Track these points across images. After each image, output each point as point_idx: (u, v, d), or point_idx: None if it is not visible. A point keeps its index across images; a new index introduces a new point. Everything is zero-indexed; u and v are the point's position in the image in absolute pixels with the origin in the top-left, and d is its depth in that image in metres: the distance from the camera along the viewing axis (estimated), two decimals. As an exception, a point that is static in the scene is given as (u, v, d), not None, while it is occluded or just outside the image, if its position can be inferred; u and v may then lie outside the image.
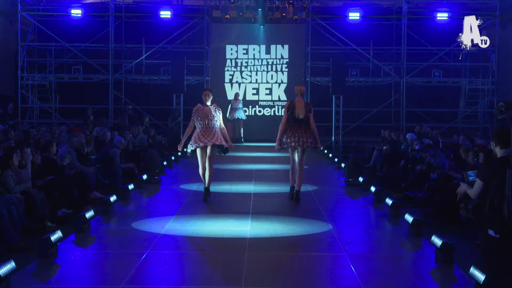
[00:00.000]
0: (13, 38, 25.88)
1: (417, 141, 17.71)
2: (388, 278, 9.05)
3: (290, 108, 14.04)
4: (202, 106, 14.20)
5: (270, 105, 28.64)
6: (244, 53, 28.91)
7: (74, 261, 9.75)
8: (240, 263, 9.38)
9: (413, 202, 14.61)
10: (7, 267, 7.96)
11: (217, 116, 14.14)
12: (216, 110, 14.22)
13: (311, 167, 21.03)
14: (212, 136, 13.96)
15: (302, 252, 10.36)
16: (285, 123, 14.10)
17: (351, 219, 13.45)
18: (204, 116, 14.03)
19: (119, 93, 26.86)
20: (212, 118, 14.07)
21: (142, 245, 10.41)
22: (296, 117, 14.00)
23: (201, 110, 14.15)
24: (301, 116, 14.00)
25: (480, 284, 7.84)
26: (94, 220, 11.77)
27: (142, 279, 8.72)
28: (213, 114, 14.09)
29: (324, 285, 8.66)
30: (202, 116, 14.03)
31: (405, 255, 10.63)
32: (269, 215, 13.08)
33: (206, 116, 14.03)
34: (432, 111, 26.69)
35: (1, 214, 10.04)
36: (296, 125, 14.06)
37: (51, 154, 14.17)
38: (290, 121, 14.06)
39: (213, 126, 14.05)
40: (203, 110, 14.13)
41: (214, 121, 14.08)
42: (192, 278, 8.67)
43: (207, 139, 13.92)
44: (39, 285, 8.55)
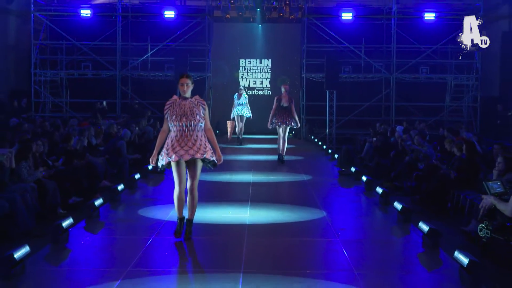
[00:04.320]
0: (26, 37, 25.86)
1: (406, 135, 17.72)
2: (378, 262, 9.07)
3: (278, 100, 18.77)
4: (179, 100, 9.61)
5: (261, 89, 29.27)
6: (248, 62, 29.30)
7: (84, 246, 9.77)
8: (239, 248, 9.40)
9: (402, 190, 14.64)
10: (22, 251, 8.00)
11: (200, 114, 9.52)
12: (199, 105, 9.55)
13: (306, 158, 21.07)
14: (192, 145, 9.40)
15: (298, 237, 10.38)
16: (275, 110, 18.72)
17: (344, 206, 13.46)
18: (180, 113, 9.44)
19: (126, 88, 26.85)
20: (193, 116, 9.45)
21: (148, 231, 10.43)
22: (282, 105, 18.66)
23: (177, 105, 9.53)
24: (285, 105, 18.65)
25: (464, 267, 7.87)
26: (103, 207, 11.79)
27: (148, 262, 8.75)
28: (194, 110, 9.47)
29: (318, 268, 8.68)
30: (178, 114, 9.44)
31: (394, 240, 10.65)
32: (267, 203, 13.10)
33: (184, 113, 9.44)
34: (419, 105, 26.70)
35: (16, 201, 10.06)
36: (282, 111, 18.62)
37: (69, 146, 14.31)
38: (278, 108, 18.66)
39: (194, 128, 9.46)
40: (180, 105, 9.51)
41: (195, 121, 9.45)
42: (195, 261, 8.70)
43: (183, 149, 9.36)
44: (52, 268, 8.57)
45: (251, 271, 8.22)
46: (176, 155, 9.34)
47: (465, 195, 11.89)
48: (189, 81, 9.64)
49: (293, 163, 19.64)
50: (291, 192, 14.83)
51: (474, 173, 12.35)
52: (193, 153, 9.36)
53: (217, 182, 15.09)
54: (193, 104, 9.53)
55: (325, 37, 26.29)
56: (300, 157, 21.08)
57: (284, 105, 18.61)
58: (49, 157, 13.33)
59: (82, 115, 24.34)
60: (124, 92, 26.58)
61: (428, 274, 8.60)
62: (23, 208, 10.20)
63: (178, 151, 9.35)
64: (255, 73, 29.29)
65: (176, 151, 9.36)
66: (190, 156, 9.36)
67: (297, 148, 23.73)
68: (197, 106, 9.53)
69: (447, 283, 8.03)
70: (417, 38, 26.30)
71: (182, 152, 9.34)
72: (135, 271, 8.22)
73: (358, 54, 26.62)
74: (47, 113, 25.63)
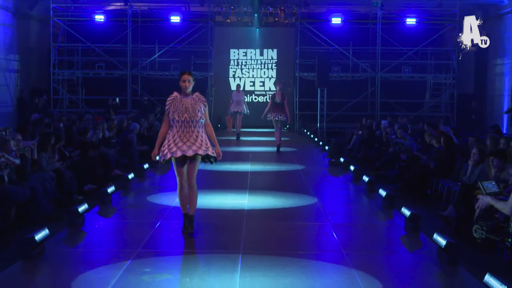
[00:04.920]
0: (46, 40, 25.81)
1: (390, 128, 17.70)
2: (365, 243, 9.08)
3: (273, 97, 19.53)
4: (180, 96, 9.00)
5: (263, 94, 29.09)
6: (243, 55, 29.09)
7: (98, 229, 9.76)
8: (239, 231, 9.39)
9: (386, 179, 14.63)
10: (42, 234, 8.02)
11: (201, 111, 8.89)
12: (200, 102, 8.95)
13: (299, 149, 21.07)
14: (194, 141, 8.81)
15: (292, 221, 10.37)
16: (270, 106, 19.48)
17: (334, 193, 13.46)
18: (182, 109, 8.83)
19: (136, 86, 26.82)
20: (195, 112, 8.83)
21: (156, 215, 10.42)
22: (276, 102, 19.29)
23: (178, 101, 8.92)
24: (278, 101, 19.28)
25: (441, 248, 7.88)
26: (115, 194, 11.79)
27: (156, 244, 8.75)
28: (195, 107, 8.87)
29: (310, 249, 8.68)
30: (179, 110, 8.82)
31: (379, 224, 10.65)
32: (264, 190, 13.10)
33: (186, 109, 8.83)
34: (402, 102, 26.67)
35: (36, 189, 10.06)
36: (276, 107, 19.28)
37: (86, 138, 14.34)
38: (273, 104, 19.33)
39: (196, 124, 8.85)
40: (181, 101, 8.90)
41: (196, 117, 8.83)
42: (198, 243, 8.68)
43: (186, 144, 8.78)
44: (69, 249, 8.57)
45: (249, 252, 8.22)
46: (179, 150, 8.73)
47: (443, 183, 11.92)
48: (191, 78, 9.04)
49: (288, 154, 19.64)
50: (285, 181, 14.82)
51: (451, 163, 12.35)
52: (196, 149, 8.74)
53: (218, 171, 15.07)
54: (195, 100, 8.91)
55: (316, 40, 26.25)
56: (294, 149, 21.08)
57: (278, 101, 19.25)
58: (66, 149, 13.30)
59: (96, 110, 24.29)
60: (134, 89, 26.57)
61: (410, 254, 8.61)
62: (43, 195, 10.19)
63: (181, 146, 8.74)
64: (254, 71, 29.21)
65: (179, 146, 8.74)
66: (193, 152, 8.74)
67: (291, 140, 23.74)
68: (198, 102, 8.91)
69: (426, 262, 8.04)
70: (400, 41, 26.27)
71: (185, 148, 8.74)
72: (144, 252, 8.21)
73: (346, 55, 26.59)
74: (64, 109, 25.55)
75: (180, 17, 25.97)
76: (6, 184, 9.65)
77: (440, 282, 7.50)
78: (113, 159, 14.67)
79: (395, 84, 26.89)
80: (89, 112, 23.14)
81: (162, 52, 26.66)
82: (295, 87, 27.28)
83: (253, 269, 7.42)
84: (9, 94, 23.55)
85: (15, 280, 7.17)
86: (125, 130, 17.11)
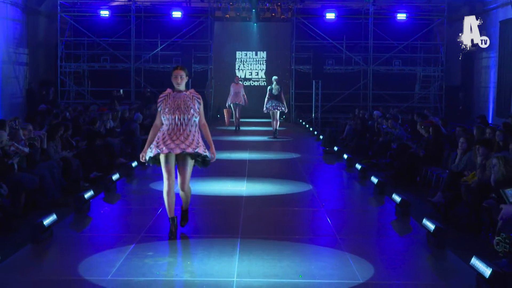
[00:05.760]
0: (54, 34, 25.76)
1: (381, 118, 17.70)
2: (357, 228, 9.10)
3: (270, 89, 20.45)
4: (173, 93, 7.99)
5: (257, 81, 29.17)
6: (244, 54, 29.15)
7: (104, 214, 9.78)
8: (237, 216, 9.40)
9: (378, 167, 14.64)
10: (50, 219, 8.03)
11: (194, 108, 7.88)
12: (194, 99, 7.93)
13: (295, 138, 21.08)
14: (185, 139, 7.79)
15: (288, 207, 10.39)
16: (268, 97, 20.41)
17: (328, 180, 13.48)
18: (174, 106, 7.84)
19: (139, 78, 26.75)
20: (187, 110, 7.84)
21: (158, 201, 10.40)
22: (273, 93, 20.35)
23: (171, 98, 7.93)
24: (276, 93, 20.35)
25: (430, 232, 7.89)
26: (119, 181, 11.78)
27: (158, 228, 8.75)
28: (188, 104, 7.86)
29: (306, 233, 8.70)
30: (171, 107, 7.84)
31: (371, 209, 10.67)
32: (261, 177, 13.11)
33: (178, 107, 7.84)
34: (393, 93, 26.63)
35: (45, 176, 10.06)
36: (273, 98, 20.36)
37: (94, 128, 14.38)
38: (271, 96, 20.35)
39: (188, 123, 7.83)
40: (174, 98, 7.91)
41: (189, 115, 7.83)
42: (199, 228, 8.70)
43: (175, 142, 7.77)
44: (76, 233, 8.59)
45: (248, 236, 8.23)
46: (167, 148, 7.72)
47: (431, 171, 11.94)
48: (183, 73, 7.94)
49: (284, 143, 19.65)
50: (282, 168, 14.83)
51: (439, 151, 12.36)
52: (184, 147, 7.73)
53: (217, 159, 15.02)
54: (188, 97, 7.88)
55: (311, 34, 26.21)
56: (290, 138, 21.08)
57: (275, 93, 20.42)
58: (73, 138, 13.29)
59: (101, 101, 24.22)
60: (137, 82, 26.51)
61: (400, 238, 8.62)
62: (51, 182, 10.21)
63: (169, 144, 7.73)
64: (251, 64, 29.21)
65: (167, 144, 7.73)
66: (181, 150, 7.72)
67: (287, 130, 23.72)
68: (192, 100, 7.88)
69: (416, 246, 8.06)
70: (391, 35, 26.20)
71: (172, 146, 7.72)
72: (147, 236, 8.23)
73: (340, 49, 26.53)
74: (71, 100, 25.53)
75: (182, 12, 25.93)
76: (16, 172, 9.65)
77: (429, 264, 7.53)
78: (117, 148, 14.67)
79: (386, 77, 26.85)
80: (95, 103, 23.12)
81: (164, 46, 26.59)
82: (291, 79, 27.28)
83: (251, 253, 7.43)
84: (19, 86, 23.52)
85: (25, 262, 7.21)
86: (128, 120, 17.10)
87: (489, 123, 18.13)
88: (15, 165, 9.77)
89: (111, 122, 16.35)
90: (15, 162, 9.80)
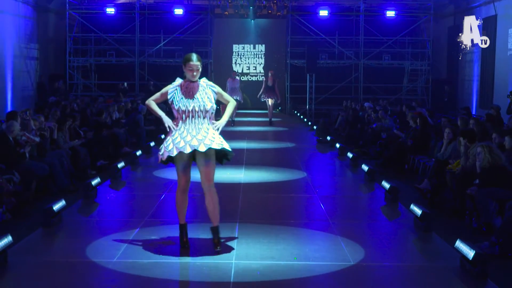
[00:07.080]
0: (62, 30, 25.73)
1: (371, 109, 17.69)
2: (349, 213, 9.11)
3: (266, 81, 21.62)
4: (185, 83, 6.73)
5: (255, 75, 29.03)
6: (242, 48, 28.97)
7: (110, 201, 9.77)
8: (236, 202, 9.41)
9: (368, 155, 14.64)
10: (59, 205, 8.03)
11: (212, 99, 6.76)
12: (209, 87, 6.78)
13: (290, 129, 21.07)
14: (206, 134, 6.67)
15: (284, 193, 10.39)
16: (263, 88, 21.54)
17: (321, 168, 13.48)
18: (189, 97, 6.66)
19: (143, 72, 26.72)
20: (204, 101, 6.68)
21: (161, 188, 10.42)
22: (268, 85, 21.43)
23: (184, 88, 6.68)
24: (270, 84, 21.45)
25: (417, 217, 7.90)
26: (124, 169, 11.77)
27: (161, 214, 8.76)
28: (204, 95, 6.71)
29: (300, 218, 8.70)
30: (185, 99, 6.66)
31: (362, 195, 10.68)
32: (258, 165, 13.11)
33: (193, 97, 6.66)
34: (382, 86, 26.64)
35: (54, 165, 10.06)
36: (268, 89, 21.45)
37: (101, 119, 14.38)
38: (265, 87, 21.46)
39: (205, 115, 6.70)
40: (187, 89, 6.67)
41: (207, 106, 6.68)
42: (199, 213, 8.68)
43: (196, 138, 6.61)
44: (84, 218, 8.59)
45: (246, 221, 8.24)
46: (189, 145, 6.56)
47: (419, 159, 11.95)
48: (199, 65, 6.71)
49: (280, 133, 19.64)
50: (278, 157, 14.83)
51: (426, 141, 12.36)
52: (209, 143, 6.62)
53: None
54: (203, 87, 6.75)
55: (306, 30, 26.16)
56: (285, 128, 21.08)
57: (270, 84, 21.52)
58: (81, 129, 13.28)
59: (108, 94, 24.18)
60: (141, 75, 26.49)
61: (389, 222, 8.63)
62: (60, 170, 10.20)
63: (190, 141, 6.56)
64: (249, 58, 29.11)
65: (188, 141, 6.56)
66: (207, 147, 6.61)
67: (283, 121, 23.72)
68: (206, 89, 6.76)
69: (404, 229, 8.08)
70: (381, 31, 26.16)
71: (195, 142, 6.56)
72: (151, 221, 8.23)
73: (332, 44, 26.49)
74: (79, 93, 25.50)
75: (183, 9, 25.93)
76: (28, 160, 9.65)
77: (416, 247, 7.55)
78: (123, 137, 14.66)
79: (376, 70, 26.81)
80: (101, 95, 23.09)
81: (166, 41, 26.55)
82: (287, 73, 27.24)
83: (249, 236, 7.44)
84: (30, 79, 23.48)
85: (36, 244, 7.23)
86: (133, 112, 17.08)
87: (473, 114, 18.14)
88: (27, 153, 9.77)
89: (117, 113, 16.33)
90: (26, 151, 9.80)
